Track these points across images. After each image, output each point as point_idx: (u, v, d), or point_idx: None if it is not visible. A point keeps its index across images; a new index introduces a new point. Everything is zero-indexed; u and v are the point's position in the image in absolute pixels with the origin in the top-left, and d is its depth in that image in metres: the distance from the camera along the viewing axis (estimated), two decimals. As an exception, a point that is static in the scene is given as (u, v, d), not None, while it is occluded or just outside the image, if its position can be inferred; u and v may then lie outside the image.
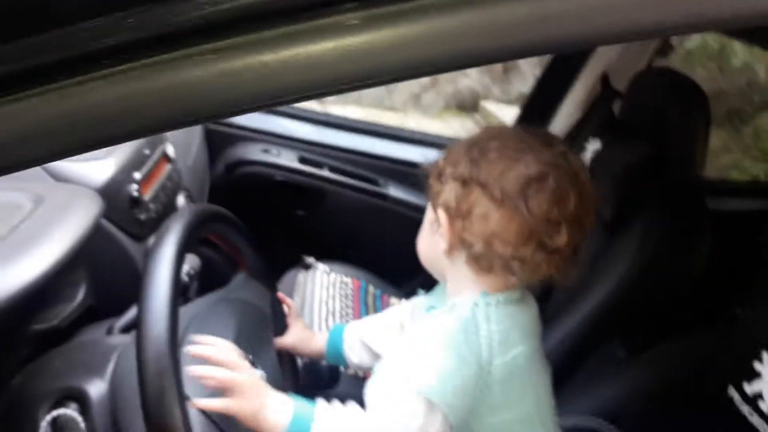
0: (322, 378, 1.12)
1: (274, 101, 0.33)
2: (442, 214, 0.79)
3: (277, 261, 1.02)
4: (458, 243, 0.78)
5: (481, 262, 0.78)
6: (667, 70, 1.51)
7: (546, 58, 2.01)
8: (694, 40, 3.90)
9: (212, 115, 0.33)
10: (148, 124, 0.31)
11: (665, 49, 1.91)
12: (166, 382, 0.61)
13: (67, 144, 0.30)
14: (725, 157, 3.88)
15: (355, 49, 0.31)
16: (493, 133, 0.81)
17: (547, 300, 1.47)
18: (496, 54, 0.35)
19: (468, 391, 0.73)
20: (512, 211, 0.74)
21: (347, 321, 1.60)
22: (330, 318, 1.60)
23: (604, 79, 1.73)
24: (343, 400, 1.07)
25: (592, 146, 1.52)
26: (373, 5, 0.31)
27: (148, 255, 0.69)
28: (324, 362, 1.12)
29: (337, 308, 1.65)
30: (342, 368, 1.42)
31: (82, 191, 0.88)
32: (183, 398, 0.63)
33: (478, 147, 0.78)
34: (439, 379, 0.73)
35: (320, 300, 1.67)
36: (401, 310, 0.98)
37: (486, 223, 0.75)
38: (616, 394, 1.05)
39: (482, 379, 0.74)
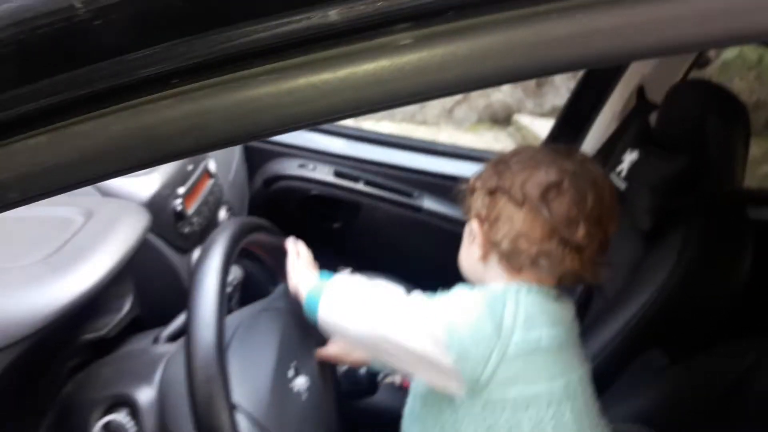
0: (360, 386, 1.14)
1: (333, 117, 0.35)
2: (474, 224, 0.87)
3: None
4: (489, 246, 0.86)
5: (512, 261, 0.84)
6: (703, 81, 1.50)
7: (581, 71, 2.00)
8: (731, 51, 3.85)
9: (278, 129, 0.34)
10: (214, 140, 0.33)
11: (702, 61, 1.89)
12: (214, 387, 0.63)
13: (139, 158, 0.32)
14: (766, 166, 3.80)
15: (408, 66, 0.33)
16: (518, 150, 0.90)
17: (587, 309, 1.47)
18: (542, 69, 0.36)
19: (483, 351, 0.78)
20: (534, 212, 0.81)
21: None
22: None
23: (640, 92, 1.73)
24: (380, 408, 1.08)
25: (630, 157, 1.51)
26: (425, 26, 0.33)
27: (196, 264, 0.71)
28: (362, 371, 1.14)
29: (373, 320, 1.66)
30: (380, 377, 1.44)
31: (130, 206, 0.91)
32: (231, 404, 0.64)
33: (503, 162, 0.86)
34: (462, 325, 0.78)
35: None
36: None
37: (512, 225, 0.82)
38: (657, 402, 1.04)
39: (500, 348, 0.78)
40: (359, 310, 0.85)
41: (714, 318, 1.33)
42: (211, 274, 0.69)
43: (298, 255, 0.95)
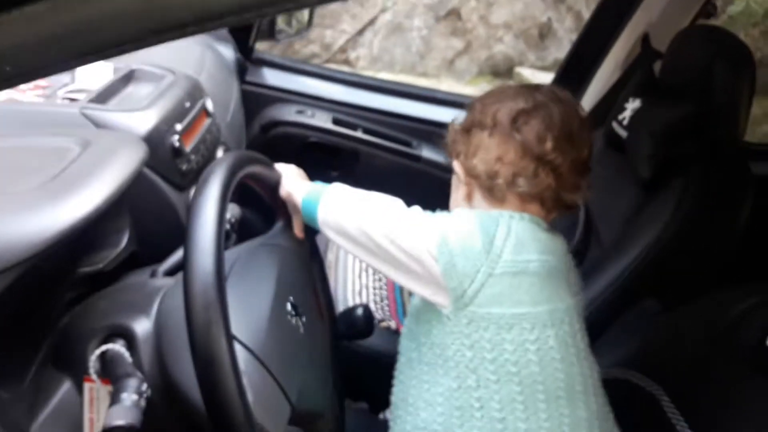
0: (357, 328, 1.14)
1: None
2: (455, 164, 0.92)
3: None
4: (470, 180, 0.90)
5: (494, 193, 0.88)
6: (711, 26, 1.48)
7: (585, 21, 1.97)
8: (737, 5, 3.78)
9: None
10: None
11: (709, 11, 1.85)
12: (212, 314, 0.63)
13: (140, 30, 0.30)
14: (766, 125, 3.78)
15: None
16: (491, 90, 0.96)
17: (583, 258, 1.47)
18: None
19: (471, 266, 0.82)
20: (506, 136, 0.87)
21: (380, 278, 1.63)
22: (363, 274, 1.63)
23: (645, 40, 1.70)
24: (375, 351, 1.09)
25: (632, 105, 1.49)
26: None
27: (195, 194, 0.70)
28: (359, 312, 1.14)
29: (370, 266, 1.67)
30: (377, 320, 1.45)
31: (128, 137, 0.89)
32: (229, 331, 0.64)
33: (477, 101, 0.93)
34: (453, 237, 0.83)
35: (353, 257, 1.69)
36: None
37: (487, 152, 0.88)
38: (652, 347, 1.05)
39: (488, 265, 0.82)
40: (360, 209, 0.87)
41: (710, 268, 1.34)
42: (209, 202, 0.68)
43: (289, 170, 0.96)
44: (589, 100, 1.92)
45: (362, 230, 0.86)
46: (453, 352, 0.86)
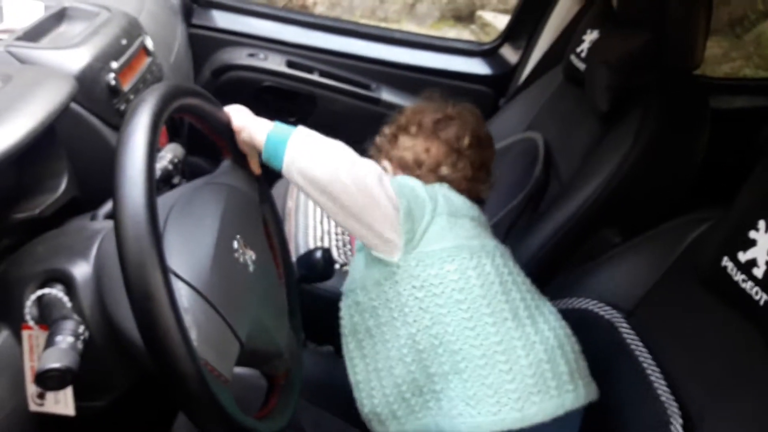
0: (316, 270, 1.12)
1: None
2: (385, 163, 1.11)
3: (269, 167, 0.98)
4: (399, 171, 1.09)
5: (420, 178, 1.03)
6: (668, -44, 1.44)
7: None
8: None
9: None
10: None
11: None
12: (144, 247, 0.59)
13: None
14: (726, 65, 3.80)
15: None
16: (410, 107, 1.15)
17: (542, 195, 1.46)
18: None
19: (421, 209, 0.94)
20: (431, 136, 1.08)
21: (341, 223, 1.60)
22: (325, 220, 1.60)
23: (603, -30, 1.66)
24: (338, 293, 1.07)
25: (590, 37, 1.47)
26: None
27: (123, 123, 0.66)
28: (318, 254, 1.12)
29: (330, 210, 1.64)
30: (337, 265, 1.43)
31: (53, 72, 0.84)
32: (165, 265, 0.61)
33: (402, 114, 1.14)
34: (406, 188, 0.96)
35: (314, 204, 1.66)
36: None
37: (414, 148, 1.08)
38: (613, 277, 1.05)
39: (431, 208, 0.95)
40: (332, 156, 0.89)
41: (668, 198, 1.34)
42: (137, 131, 0.64)
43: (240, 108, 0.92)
44: (548, 35, 1.89)
45: (335, 176, 0.87)
46: (406, 297, 0.93)
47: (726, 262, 0.82)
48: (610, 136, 1.34)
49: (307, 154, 0.88)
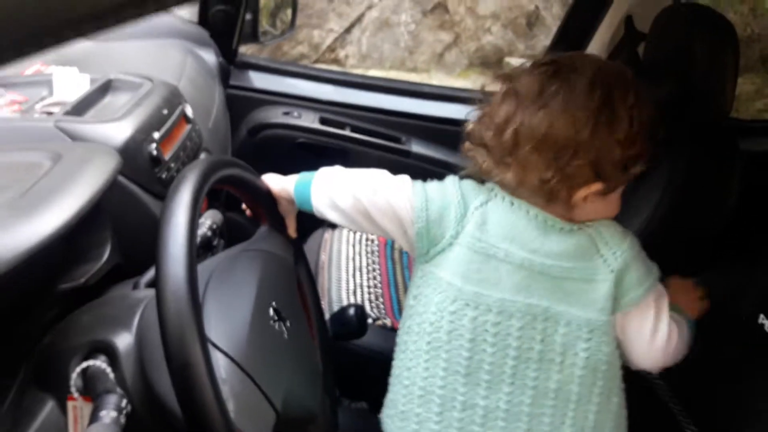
0: (350, 327, 1.13)
1: None
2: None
3: (304, 221, 1.02)
4: None
5: None
6: (694, 5, 1.46)
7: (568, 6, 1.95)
8: (725, -18, 3.76)
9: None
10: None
11: (694, -10, 1.84)
12: (185, 321, 0.62)
13: None
14: (759, 102, 3.76)
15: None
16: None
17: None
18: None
19: (440, 233, 0.86)
20: None
21: (375, 277, 1.62)
22: (357, 274, 1.62)
23: (628, 21, 1.68)
24: (370, 350, 1.09)
25: (617, 89, 1.48)
26: None
27: (165, 201, 0.69)
28: (351, 312, 1.13)
29: (364, 264, 1.66)
30: (371, 319, 1.44)
31: (100, 147, 0.88)
32: (204, 337, 0.63)
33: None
34: (432, 203, 0.88)
35: (347, 257, 1.68)
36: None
37: None
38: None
39: (452, 236, 0.86)
40: (350, 177, 0.93)
41: (700, 250, 1.32)
42: (179, 209, 0.67)
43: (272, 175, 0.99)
44: (576, 85, 1.90)
45: (352, 194, 0.90)
46: (413, 300, 0.92)
47: (763, 320, 0.81)
48: (641, 188, 1.34)
49: (330, 185, 0.93)
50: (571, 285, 0.84)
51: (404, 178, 0.92)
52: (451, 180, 0.91)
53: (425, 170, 1.98)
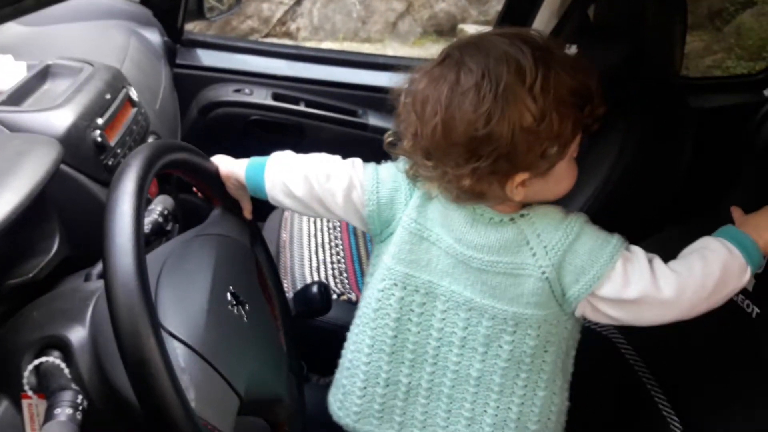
0: (314, 305, 1.12)
1: None
2: None
3: (261, 200, 1.00)
4: None
5: None
6: (640, -34, 1.46)
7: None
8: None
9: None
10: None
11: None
12: (137, 314, 0.60)
13: None
14: (708, 58, 3.82)
15: None
16: None
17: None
18: None
19: (393, 192, 0.87)
20: None
21: (338, 252, 1.61)
22: (320, 250, 1.61)
23: (578, -16, 1.67)
24: (335, 326, 1.08)
25: (569, 52, 1.48)
26: None
27: (109, 191, 0.67)
28: (315, 289, 1.12)
29: (326, 240, 1.65)
30: (335, 295, 1.43)
31: (39, 138, 0.85)
32: (158, 329, 0.62)
33: None
34: (382, 170, 0.90)
35: (309, 234, 1.66)
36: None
37: None
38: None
39: (398, 220, 0.87)
40: (302, 163, 0.92)
41: (657, 208, 1.35)
42: (123, 198, 0.65)
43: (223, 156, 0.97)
44: (528, 50, 1.90)
45: (306, 180, 0.90)
46: (369, 277, 0.93)
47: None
48: (595, 149, 1.35)
49: (283, 171, 0.92)
50: (495, 279, 0.82)
51: (356, 162, 0.92)
52: (403, 161, 0.89)
53: (384, 142, 1.96)
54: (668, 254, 0.99)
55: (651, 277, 0.80)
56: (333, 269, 1.56)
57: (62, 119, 1.00)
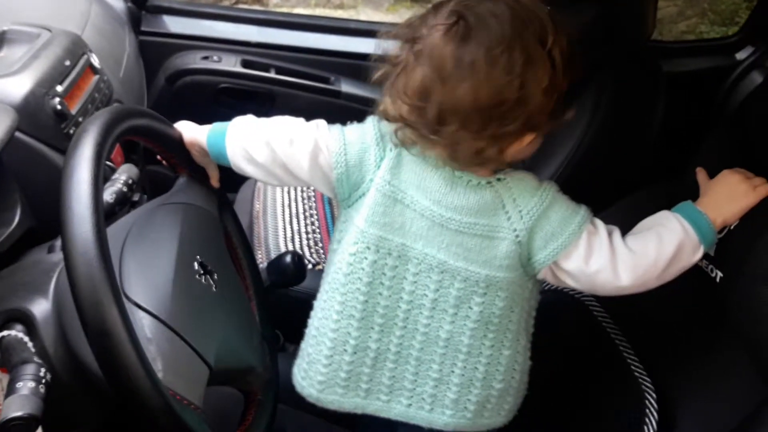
0: (287, 275, 1.11)
1: None
2: None
3: (233, 170, 0.97)
4: None
5: None
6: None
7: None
8: None
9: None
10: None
11: None
12: (97, 285, 0.58)
13: None
14: (682, 23, 3.83)
15: None
16: None
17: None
18: None
19: (362, 154, 0.85)
20: None
21: (312, 222, 1.59)
22: (294, 221, 1.59)
23: (550, -55, 1.65)
24: (310, 295, 1.07)
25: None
26: None
27: (65, 158, 0.64)
28: (288, 259, 1.11)
29: (300, 210, 1.63)
30: (310, 264, 1.42)
31: (-9, 106, 0.81)
32: (120, 299, 0.60)
33: None
34: (348, 131, 0.87)
35: (282, 204, 1.64)
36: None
37: None
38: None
39: (367, 184, 0.85)
40: (263, 127, 0.89)
41: (628, 170, 1.35)
42: (80, 164, 0.63)
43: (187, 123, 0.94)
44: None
45: (269, 146, 0.87)
46: (336, 244, 0.91)
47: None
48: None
49: (244, 137, 0.89)
50: (470, 240, 0.83)
51: (320, 123, 0.89)
52: (371, 121, 0.88)
53: (357, 110, 1.91)
54: (636, 217, 1.00)
55: (610, 254, 0.83)
56: (308, 239, 1.54)
57: (18, 86, 0.97)
